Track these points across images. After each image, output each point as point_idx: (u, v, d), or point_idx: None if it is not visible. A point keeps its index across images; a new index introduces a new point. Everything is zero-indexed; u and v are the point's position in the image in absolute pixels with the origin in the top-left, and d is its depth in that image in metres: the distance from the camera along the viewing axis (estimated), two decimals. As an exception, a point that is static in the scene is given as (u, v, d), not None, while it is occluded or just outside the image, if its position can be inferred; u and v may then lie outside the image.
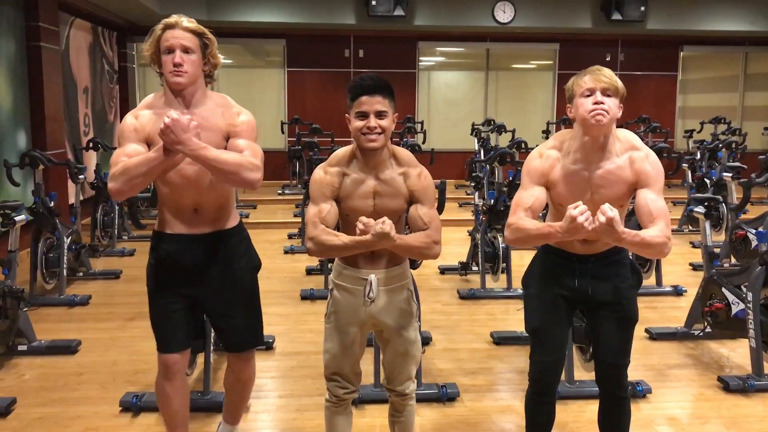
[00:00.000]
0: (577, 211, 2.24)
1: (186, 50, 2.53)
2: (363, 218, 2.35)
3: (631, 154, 2.49)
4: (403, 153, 2.57)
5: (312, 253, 2.51)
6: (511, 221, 2.51)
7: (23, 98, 7.27)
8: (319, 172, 2.54)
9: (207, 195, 2.64)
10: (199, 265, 2.70)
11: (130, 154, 2.49)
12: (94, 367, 4.21)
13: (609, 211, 2.22)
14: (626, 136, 2.54)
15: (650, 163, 2.48)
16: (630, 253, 2.70)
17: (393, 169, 2.52)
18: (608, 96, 2.40)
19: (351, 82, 2.46)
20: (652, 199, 2.44)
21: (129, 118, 2.61)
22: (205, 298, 2.77)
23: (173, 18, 2.57)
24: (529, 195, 2.53)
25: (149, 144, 2.55)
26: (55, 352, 4.39)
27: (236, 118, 2.63)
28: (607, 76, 2.41)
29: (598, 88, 2.40)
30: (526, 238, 2.48)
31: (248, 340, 2.87)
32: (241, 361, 2.90)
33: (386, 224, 2.31)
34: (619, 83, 2.43)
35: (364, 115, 2.41)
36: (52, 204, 5.61)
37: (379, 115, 2.41)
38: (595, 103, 2.39)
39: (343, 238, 2.41)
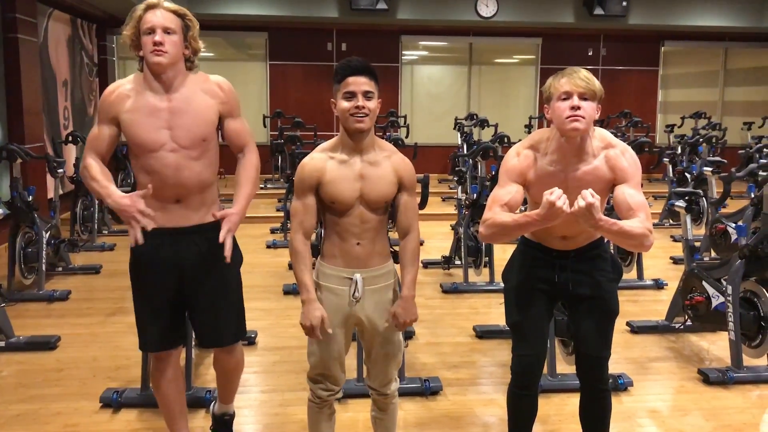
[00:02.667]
0: (554, 196, 2.23)
1: (167, 31, 2.50)
2: None
3: (607, 152, 2.48)
4: (385, 143, 2.58)
5: (289, 248, 2.55)
6: (487, 216, 2.49)
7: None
8: (304, 161, 2.53)
9: (189, 183, 2.60)
10: (181, 260, 2.66)
11: (93, 144, 2.62)
12: (74, 363, 4.16)
13: (589, 196, 2.21)
14: (601, 134, 2.53)
15: (627, 159, 2.48)
16: (611, 246, 2.71)
17: (378, 153, 2.51)
18: (585, 100, 2.38)
19: (338, 64, 2.45)
20: (630, 194, 2.43)
21: (109, 90, 2.62)
22: (187, 293, 2.73)
23: None
24: (506, 192, 2.51)
25: (117, 122, 2.58)
26: (33, 348, 4.33)
27: (220, 92, 2.64)
28: (584, 78, 2.39)
29: (575, 93, 2.38)
30: (502, 231, 2.45)
31: (228, 336, 2.82)
32: (225, 353, 2.87)
33: None
34: (597, 85, 2.40)
35: (351, 95, 2.39)
36: (30, 198, 5.54)
37: (366, 95, 2.39)
38: (572, 108, 2.37)
39: (304, 278, 2.47)
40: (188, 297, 2.74)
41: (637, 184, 2.48)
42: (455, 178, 7.15)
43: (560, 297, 2.72)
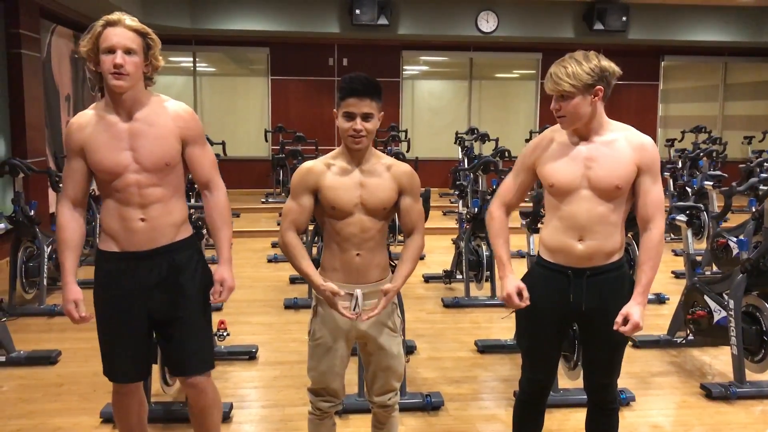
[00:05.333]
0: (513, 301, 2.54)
1: (128, 51, 2.35)
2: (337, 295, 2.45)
3: (626, 134, 2.48)
4: (383, 155, 2.62)
5: (280, 245, 2.58)
6: (491, 210, 2.65)
7: (3, 106, 7.19)
8: (304, 164, 2.57)
9: (154, 207, 2.49)
10: (143, 286, 2.52)
11: (66, 187, 2.53)
12: (75, 378, 4.15)
13: (622, 325, 2.40)
14: (621, 125, 2.53)
15: (650, 145, 2.47)
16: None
17: (376, 162, 2.54)
18: (563, 98, 2.39)
19: (342, 80, 2.47)
20: (646, 189, 2.44)
21: (70, 122, 2.50)
22: (153, 318, 2.58)
23: (115, 15, 2.39)
24: (512, 184, 2.62)
25: (83, 152, 2.46)
26: (34, 363, 4.32)
27: (182, 117, 2.51)
28: (555, 80, 2.38)
29: (554, 95, 2.44)
30: (489, 234, 2.69)
31: (195, 364, 2.62)
32: (195, 390, 2.67)
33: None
34: (569, 80, 2.35)
35: (351, 116, 2.43)
36: (32, 212, 5.55)
37: (366, 117, 2.43)
38: (555, 110, 2.45)
39: (306, 267, 2.49)
40: (153, 323, 2.60)
41: (657, 173, 2.48)
42: (456, 193, 7.16)
43: (573, 318, 2.64)
